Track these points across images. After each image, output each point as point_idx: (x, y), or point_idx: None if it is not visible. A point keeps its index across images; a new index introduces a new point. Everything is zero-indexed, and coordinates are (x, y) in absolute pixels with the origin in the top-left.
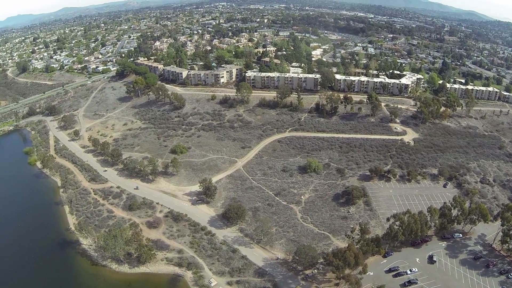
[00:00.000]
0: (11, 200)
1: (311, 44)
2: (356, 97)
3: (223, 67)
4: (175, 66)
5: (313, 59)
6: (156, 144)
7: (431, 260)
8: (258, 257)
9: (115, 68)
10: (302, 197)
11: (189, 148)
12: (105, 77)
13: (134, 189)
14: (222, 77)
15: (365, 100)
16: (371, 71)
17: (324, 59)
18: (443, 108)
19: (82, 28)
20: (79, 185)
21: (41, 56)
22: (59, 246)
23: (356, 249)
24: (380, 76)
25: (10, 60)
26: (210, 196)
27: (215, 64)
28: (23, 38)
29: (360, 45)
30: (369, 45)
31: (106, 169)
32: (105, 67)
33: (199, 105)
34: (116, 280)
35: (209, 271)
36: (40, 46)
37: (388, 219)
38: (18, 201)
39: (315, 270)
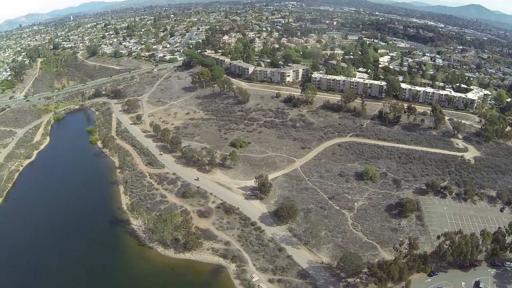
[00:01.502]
0: (71, 174)
1: (378, 50)
2: (420, 108)
3: (290, 66)
4: (242, 61)
5: (379, 65)
6: (216, 136)
7: (477, 286)
8: (303, 259)
9: (182, 58)
10: (355, 204)
11: (249, 143)
12: (172, 66)
13: (195, 179)
14: (288, 76)
15: (429, 112)
16: (437, 82)
17: (391, 67)
18: (509, 128)
19: (152, 18)
20: (136, 168)
21: (111, 41)
22: (110, 223)
23: (402, 263)
24: (446, 89)
25: (81, 44)
26: (264, 192)
27: (282, 63)
28: (94, 23)
29: (428, 55)
30: (437, 56)
31: (161, 152)
32: (172, 56)
33: (263, 101)
34: (160, 263)
35: (253, 266)
36: (110, 32)
37: (438, 237)
38: (77, 175)
39: (358, 279)
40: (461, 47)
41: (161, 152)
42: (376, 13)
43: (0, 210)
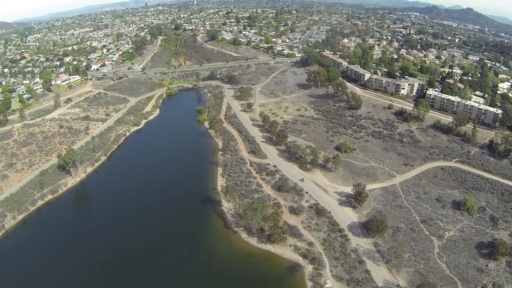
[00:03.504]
0: (174, 147)
1: (499, 75)
2: None
3: (406, 78)
4: (359, 66)
5: (498, 91)
6: (323, 136)
7: None
8: (380, 277)
9: (300, 55)
10: (446, 233)
11: (353, 150)
12: (289, 61)
13: (300, 179)
14: (403, 88)
15: None
16: None
17: (510, 95)
18: None
19: (274, 11)
20: (238, 153)
21: (231, 29)
22: (201, 201)
23: None
24: None
25: (202, 28)
26: (359, 201)
27: (398, 74)
28: (217, 10)
29: None
30: None
31: (263, 140)
32: (290, 51)
33: (375, 110)
34: (240, 248)
35: (329, 272)
36: (232, 20)
37: None
38: (179, 149)
39: None
40: None
41: (263, 140)
42: (502, 34)
43: (104, 166)
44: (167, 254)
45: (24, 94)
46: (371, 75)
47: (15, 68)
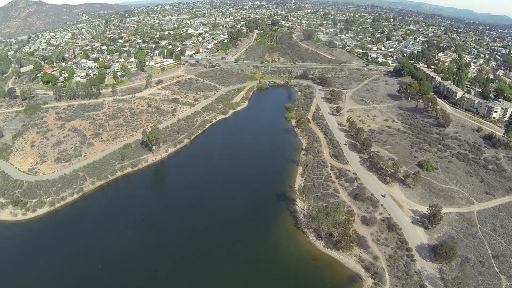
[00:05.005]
0: (257, 140)
1: None
2: None
3: (500, 102)
4: (452, 83)
5: None
6: (407, 151)
7: None
8: None
9: (393, 65)
10: None
11: (435, 169)
12: (382, 70)
13: (381, 195)
14: (496, 112)
15: None
16: None
17: None
18: None
19: (371, 17)
20: (321, 155)
21: (328, 31)
22: (276, 196)
23: None
24: None
25: (298, 26)
26: (432, 223)
27: (492, 96)
28: (314, 10)
29: None
30: None
31: (346, 143)
32: (384, 60)
33: (463, 131)
34: (305, 250)
35: None
36: (328, 22)
37: None
38: (263, 143)
39: None
40: None
41: (347, 144)
42: None
43: (186, 149)
44: (234, 243)
45: (118, 71)
46: (464, 93)
47: (113, 47)
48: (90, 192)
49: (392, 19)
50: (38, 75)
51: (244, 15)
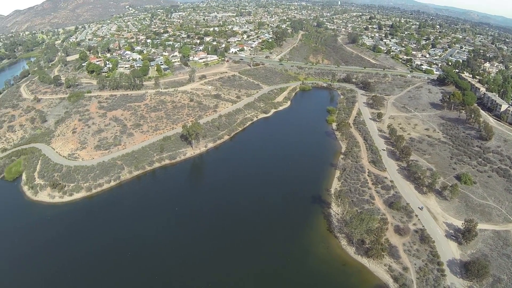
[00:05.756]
0: (297, 140)
1: None
2: None
3: None
4: (497, 95)
5: None
6: (446, 162)
7: None
8: None
9: (437, 73)
10: None
11: (474, 183)
12: (426, 77)
13: (419, 208)
14: None
15: None
16: None
17: None
18: None
19: (417, 23)
20: (359, 161)
21: (373, 35)
22: (312, 198)
23: None
24: None
25: (344, 29)
26: (466, 239)
27: None
28: (360, 14)
29: None
30: None
31: (384, 149)
32: (428, 67)
33: (505, 146)
34: (336, 254)
35: None
36: (374, 26)
37: None
38: (302, 144)
39: None
40: None
41: (386, 151)
42: None
43: (225, 145)
44: (264, 242)
45: (162, 64)
46: (509, 106)
47: (157, 40)
48: (126, 181)
49: (438, 26)
50: (83, 64)
51: (290, 15)
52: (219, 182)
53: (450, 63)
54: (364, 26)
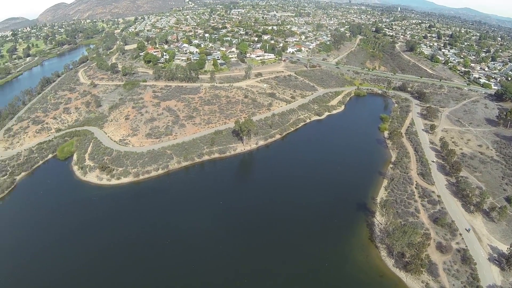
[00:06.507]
0: (347, 146)
1: None
2: None
3: None
4: None
5: None
6: (497, 181)
7: None
8: None
9: (496, 88)
10: None
11: None
12: (483, 92)
13: (466, 229)
14: None
15: None
16: None
17: None
18: None
19: (477, 34)
20: (408, 172)
21: (431, 44)
22: (356, 205)
23: None
24: None
25: (402, 36)
26: (510, 265)
27: None
28: (419, 21)
29: None
30: None
31: (434, 160)
32: (486, 81)
33: None
34: (375, 265)
35: None
36: (433, 35)
37: None
38: (352, 150)
39: None
40: None
41: (434, 161)
42: None
43: (276, 144)
44: (304, 244)
45: (219, 59)
46: None
47: (215, 35)
48: (174, 170)
49: (499, 38)
50: (140, 54)
51: (349, 19)
52: (265, 180)
53: (510, 78)
54: (423, 34)
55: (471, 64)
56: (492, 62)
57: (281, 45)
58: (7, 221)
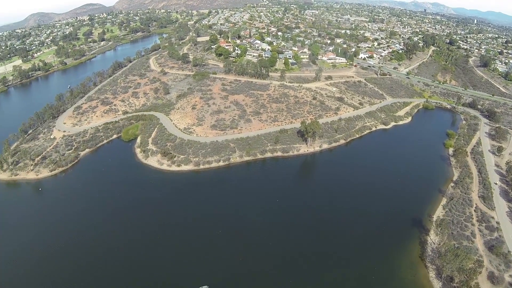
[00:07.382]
0: (410, 159)
1: None
2: None
3: None
4: None
5: None
6: None
7: None
8: None
9: None
10: None
11: None
12: None
13: None
14: None
15: None
16: None
17: None
18: None
19: None
20: (469, 193)
21: (507, 61)
22: (412, 221)
23: None
24: None
25: (477, 50)
26: None
27: None
28: (496, 36)
29: None
30: None
31: (496, 182)
32: None
33: None
34: (421, 285)
35: None
36: (509, 51)
37: None
38: (415, 165)
39: None
40: None
41: (497, 183)
42: None
43: (339, 149)
44: (352, 253)
45: (291, 58)
46: None
47: (288, 34)
48: (235, 164)
49: None
50: (212, 46)
51: (423, 28)
52: (324, 184)
53: None
54: (499, 50)
55: None
56: None
57: (353, 49)
58: (67, 192)
